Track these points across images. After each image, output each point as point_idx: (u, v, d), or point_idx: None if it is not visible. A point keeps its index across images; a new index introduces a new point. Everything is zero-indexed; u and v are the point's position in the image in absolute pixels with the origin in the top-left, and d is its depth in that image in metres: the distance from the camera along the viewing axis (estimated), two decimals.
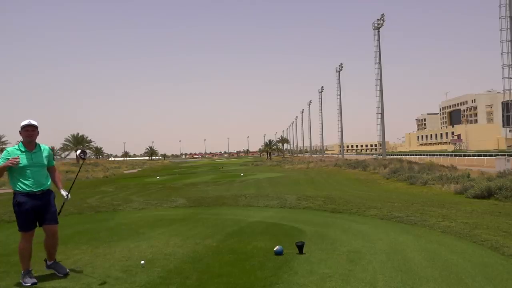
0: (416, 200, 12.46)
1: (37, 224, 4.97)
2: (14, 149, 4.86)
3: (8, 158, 4.71)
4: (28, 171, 4.78)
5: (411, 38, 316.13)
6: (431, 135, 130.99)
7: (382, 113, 50.66)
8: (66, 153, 75.97)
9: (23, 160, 4.76)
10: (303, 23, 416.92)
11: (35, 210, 4.83)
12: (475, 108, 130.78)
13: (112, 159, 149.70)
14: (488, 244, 5.98)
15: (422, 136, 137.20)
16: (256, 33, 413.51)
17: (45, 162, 4.97)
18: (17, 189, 4.80)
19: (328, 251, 5.87)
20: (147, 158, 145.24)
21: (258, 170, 42.70)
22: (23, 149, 4.84)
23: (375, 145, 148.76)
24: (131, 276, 4.87)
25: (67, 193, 5.04)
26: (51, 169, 5.10)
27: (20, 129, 4.85)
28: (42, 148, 5.01)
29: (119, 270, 5.13)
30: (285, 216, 9.25)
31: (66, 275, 4.91)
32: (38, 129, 4.95)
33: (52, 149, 5.31)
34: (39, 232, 5.12)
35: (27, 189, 4.78)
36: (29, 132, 4.86)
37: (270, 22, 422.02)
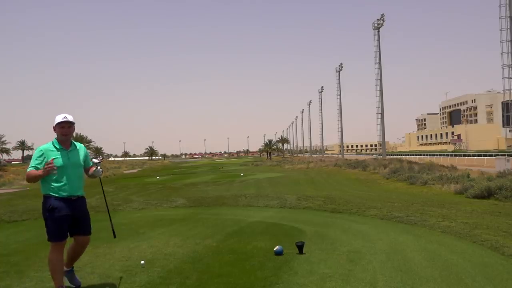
0: (416, 200, 12.46)
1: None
2: (48, 147, 4.20)
3: (41, 160, 4.10)
4: (64, 172, 4.14)
5: (411, 38, 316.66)
6: (431, 135, 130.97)
7: (382, 113, 50.65)
8: None
9: (59, 160, 4.13)
10: (303, 23, 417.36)
11: (70, 218, 4.19)
12: (475, 108, 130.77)
13: (112, 159, 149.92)
14: (488, 244, 5.98)
15: (422, 136, 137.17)
16: (256, 33, 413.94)
17: (82, 162, 4.40)
18: (50, 192, 4.12)
19: (328, 251, 5.87)
20: (147, 158, 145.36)
21: (258, 170, 42.69)
22: (58, 147, 4.21)
23: (375, 145, 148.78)
24: (131, 276, 4.87)
25: (98, 165, 4.43)
26: (87, 170, 4.51)
27: (54, 125, 4.23)
28: (77, 146, 4.42)
29: (119, 270, 5.13)
30: (285, 216, 9.25)
31: (78, 287, 4.46)
32: (74, 126, 4.35)
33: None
34: (38, 229, 5.11)
35: (63, 193, 4.13)
36: (65, 129, 4.23)
37: (270, 22, 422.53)
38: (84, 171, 4.49)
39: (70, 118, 4.23)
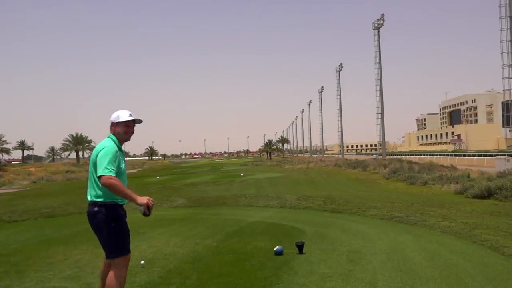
0: (416, 200, 12.46)
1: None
2: (115, 146, 3.59)
3: (117, 158, 3.51)
4: (123, 176, 3.62)
5: (411, 38, 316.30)
6: (431, 135, 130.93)
7: (382, 113, 50.63)
8: (66, 153, 76.00)
9: (123, 162, 3.67)
10: (303, 23, 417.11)
11: None
12: (475, 108, 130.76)
13: None
14: (488, 244, 5.98)
15: (422, 136, 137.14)
16: (256, 33, 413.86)
17: None
18: (113, 200, 3.52)
19: (328, 251, 5.87)
20: (147, 158, 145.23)
21: (258, 170, 42.69)
22: (119, 147, 3.65)
23: (375, 145, 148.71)
24: (131, 276, 4.86)
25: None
26: None
27: (114, 122, 3.67)
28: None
29: None
30: (285, 216, 9.26)
31: None
32: None
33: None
34: (38, 229, 5.10)
35: (124, 200, 3.63)
36: (130, 128, 3.72)
37: (270, 22, 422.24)
38: None
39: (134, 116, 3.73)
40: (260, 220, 8.81)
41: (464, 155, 50.32)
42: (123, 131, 3.66)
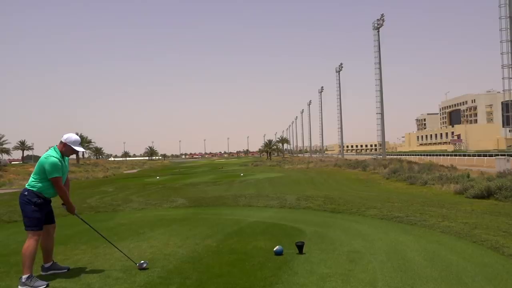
0: (416, 200, 12.46)
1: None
2: (58, 159, 5.00)
3: (58, 166, 4.96)
4: (65, 175, 5.16)
5: (411, 38, 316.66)
6: (431, 135, 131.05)
7: (382, 113, 50.65)
8: None
9: (65, 167, 5.13)
10: (304, 23, 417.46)
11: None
12: (475, 108, 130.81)
13: (112, 159, 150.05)
14: (488, 244, 5.98)
15: (422, 136, 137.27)
16: (256, 33, 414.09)
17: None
18: (39, 191, 4.89)
19: (328, 251, 5.87)
20: (147, 158, 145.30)
21: (258, 170, 42.68)
22: (61, 158, 5.05)
23: (375, 145, 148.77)
24: (131, 276, 4.86)
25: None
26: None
27: (65, 143, 5.05)
28: None
29: (119, 270, 5.13)
30: (285, 216, 9.25)
31: (69, 270, 5.15)
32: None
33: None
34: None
35: (49, 196, 5.06)
36: (73, 153, 5.39)
37: (271, 22, 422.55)
38: None
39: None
40: (260, 220, 8.81)
41: (464, 155, 50.37)
42: (68, 153, 5.13)
